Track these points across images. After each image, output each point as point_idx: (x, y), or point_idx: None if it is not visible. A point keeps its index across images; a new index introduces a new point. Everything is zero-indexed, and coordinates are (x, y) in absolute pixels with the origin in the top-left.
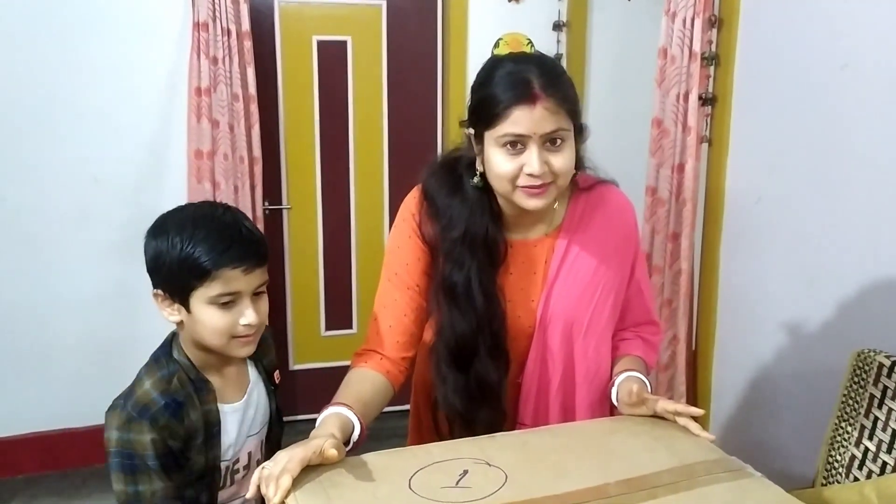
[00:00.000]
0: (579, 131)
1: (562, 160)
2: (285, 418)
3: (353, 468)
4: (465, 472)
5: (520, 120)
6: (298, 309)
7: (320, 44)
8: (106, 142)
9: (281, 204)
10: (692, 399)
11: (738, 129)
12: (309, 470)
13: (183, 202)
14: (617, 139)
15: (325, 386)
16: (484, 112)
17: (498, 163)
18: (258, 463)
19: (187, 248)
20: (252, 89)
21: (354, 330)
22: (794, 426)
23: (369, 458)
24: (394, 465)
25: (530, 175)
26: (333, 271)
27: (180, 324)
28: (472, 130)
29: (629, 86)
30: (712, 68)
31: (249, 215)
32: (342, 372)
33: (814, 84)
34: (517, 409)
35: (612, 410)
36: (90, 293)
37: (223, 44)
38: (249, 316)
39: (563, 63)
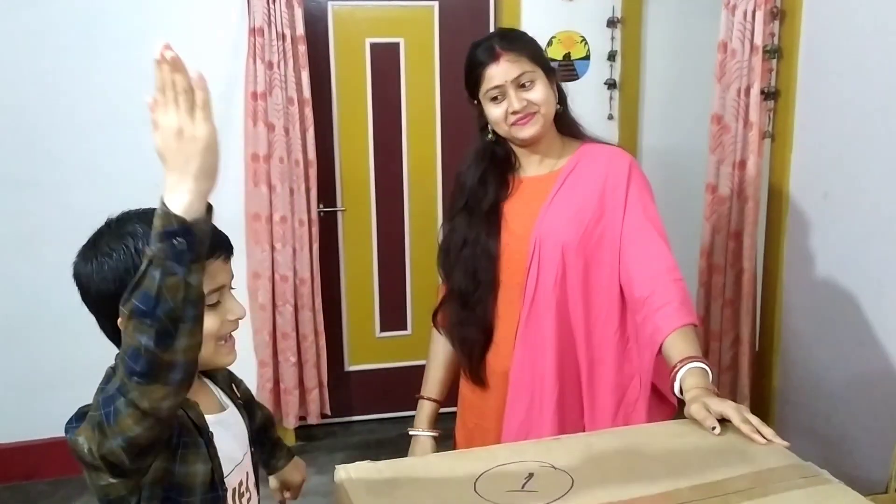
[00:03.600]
0: (550, 71)
1: (535, 94)
2: (341, 419)
3: (418, 470)
4: (531, 475)
5: (493, 75)
6: (353, 310)
7: (373, 46)
8: None
9: (335, 206)
10: (756, 402)
11: (802, 123)
12: (374, 471)
13: (240, 205)
14: (674, 137)
15: (380, 387)
16: (471, 80)
17: (490, 111)
18: (256, 486)
19: None
20: (307, 93)
21: (409, 331)
22: (864, 430)
23: (434, 459)
24: (459, 467)
25: (514, 112)
26: (388, 273)
27: None
28: (474, 100)
29: (687, 82)
30: (774, 61)
31: (304, 218)
32: (397, 373)
33: (882, 76)
34: (516, 330)
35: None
36: None
37: (278, 48)
38: (237, 308)
39: (618, 60)
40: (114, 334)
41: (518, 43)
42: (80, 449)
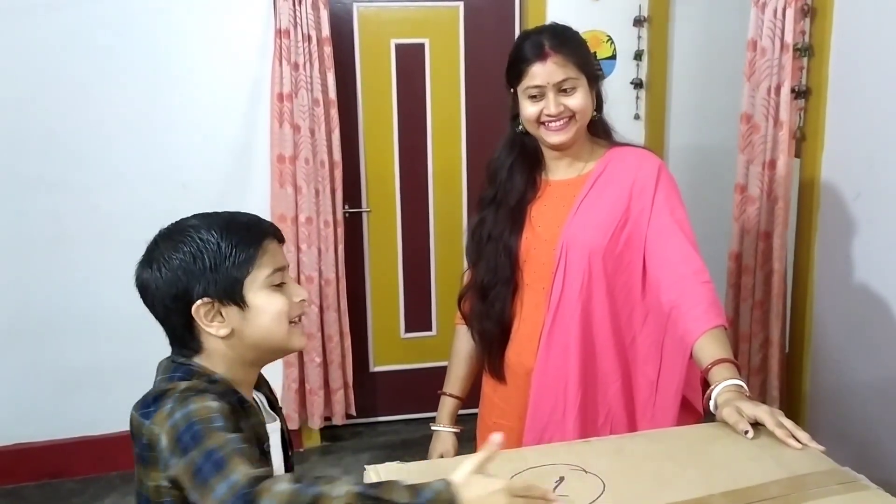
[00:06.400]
0: (593, 78)
1: (575, 101)
2: (366, 420)
3: (447, 471)
4: (562, 478)
5: (537, 74)
6: (378, 311)
7: (398, 47)
8: (193, 148)
9: (361, 207)
10: (786, 404)
11: (834, 122)
12: (403, 472)
13: (266, 206)
14: (702, 136)
15: (404, 388)
16: (513, 72)
17: (525, 108)
18: None
19: (223, 239)
20: (332, 94)
21: (434, 332)
22: None
23: (464, 461)
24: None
25: (549, 115)
26: (413, 274)
27: (227, 336)
28: (511, 89)
29: (715, 81)
30: (805, 59)
31: (330, 219)
32: (421, 374)
33: None
34: (541, 333)
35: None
36: None
37: (304, 50)
38: (300, 290)
39: (645, 60)
40: (184, 331)
41: (569, 46)
42: (155, 437)
